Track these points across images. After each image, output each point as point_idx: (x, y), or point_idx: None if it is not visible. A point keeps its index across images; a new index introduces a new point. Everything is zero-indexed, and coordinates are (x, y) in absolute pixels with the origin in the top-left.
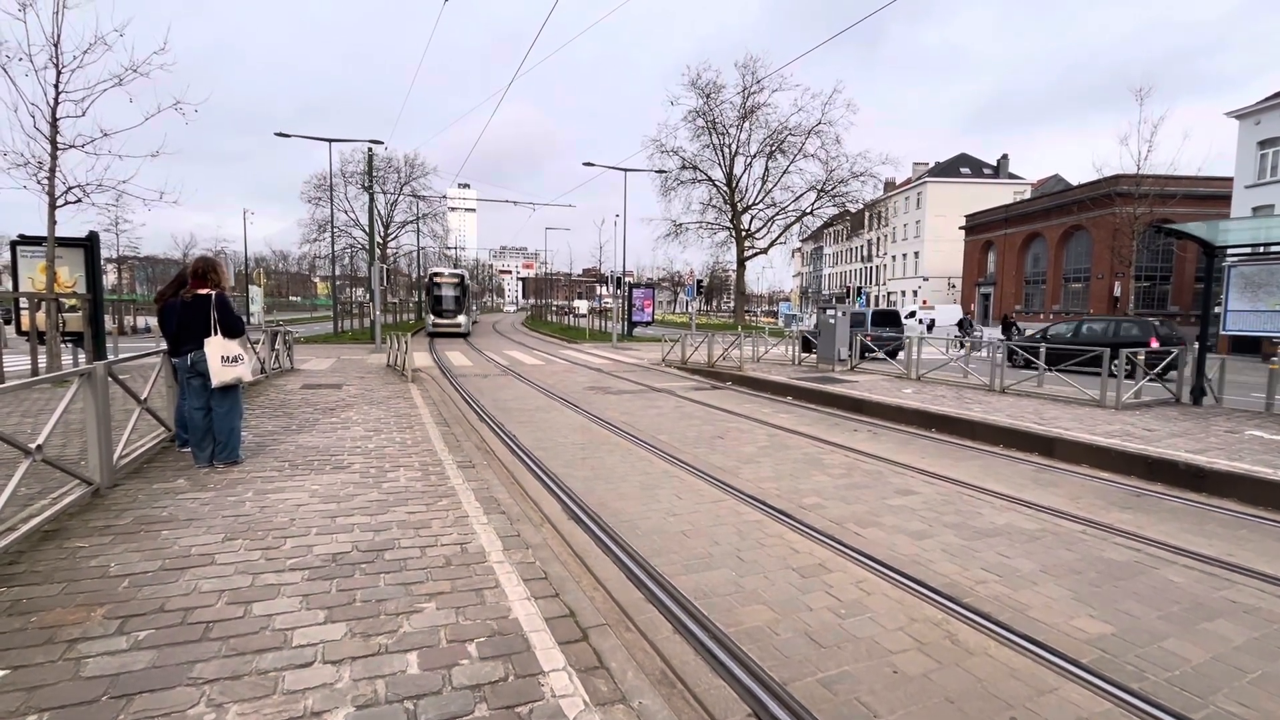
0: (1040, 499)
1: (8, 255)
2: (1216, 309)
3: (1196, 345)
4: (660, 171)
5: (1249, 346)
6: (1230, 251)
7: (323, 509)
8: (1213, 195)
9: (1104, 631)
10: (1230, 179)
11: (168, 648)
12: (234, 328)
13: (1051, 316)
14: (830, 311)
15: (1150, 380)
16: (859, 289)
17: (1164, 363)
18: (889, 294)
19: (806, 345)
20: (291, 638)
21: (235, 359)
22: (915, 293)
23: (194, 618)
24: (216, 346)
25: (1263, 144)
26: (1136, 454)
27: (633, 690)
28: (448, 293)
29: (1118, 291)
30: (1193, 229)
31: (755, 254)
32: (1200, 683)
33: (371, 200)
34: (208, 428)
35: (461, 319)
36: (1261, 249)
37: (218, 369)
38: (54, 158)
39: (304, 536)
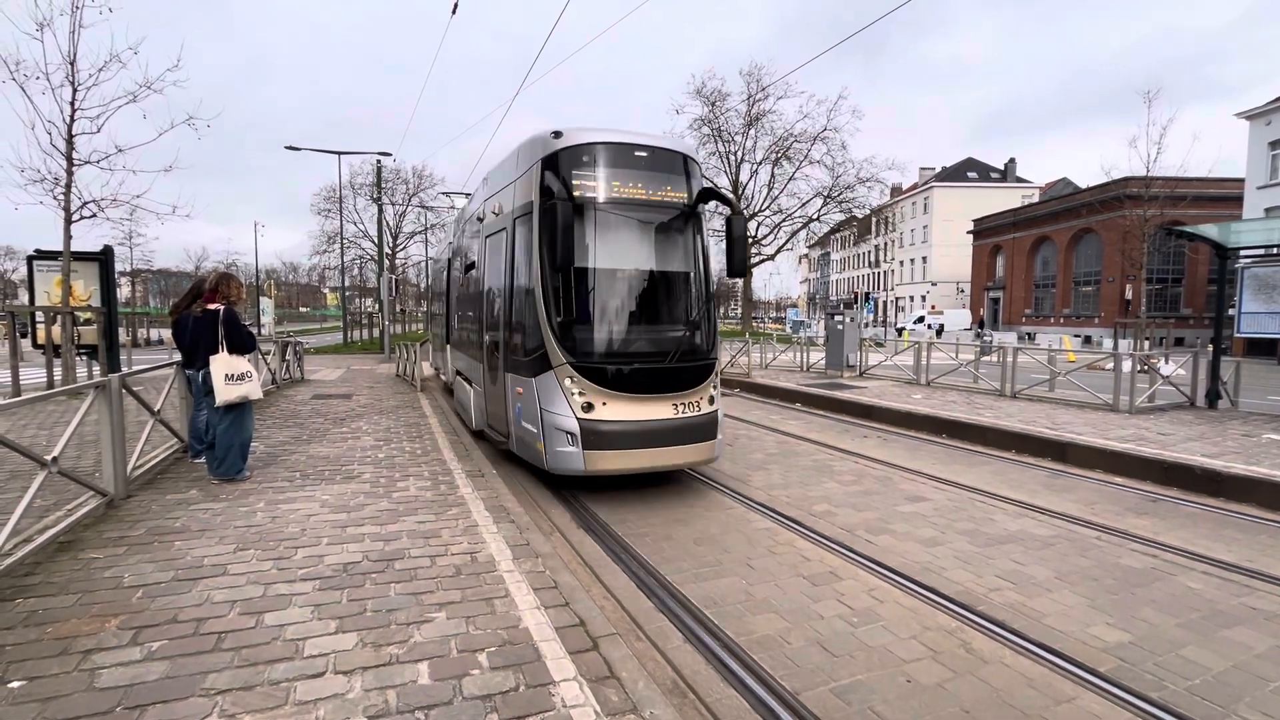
0: (1054, 505)
1: (24, 270)
2: (1230, 311)
3: (1211, 348)
4: None
5: (1264, 349)
6: (1243, 253)
7: (333, 519)
8: (1224, 197)
9: (1122, 639)
10: (1241, 180)
11: (181, 658)
12: (241, 344)
13: (1062, 320)
14: (838, 318)
15: None
16: (867, 294)
17: None
18: (897, 299)
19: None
20: (303, 648)
21: (241, 376)
22: (924, 298)
23: (206, 628)
24: (221, 364)
25: (1274, 144)
26: (1152, 458)
27: (644, 700)
28: (634, 240)
29: (1129, 294)
30: (1204, 231)
31: (762, 260)
32: (1221, 692)
33: (380, 212)
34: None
35: (709, 399)
36: (1275, 250)
37: (221, 387)
38: (70, 174)
39: (315, 546)
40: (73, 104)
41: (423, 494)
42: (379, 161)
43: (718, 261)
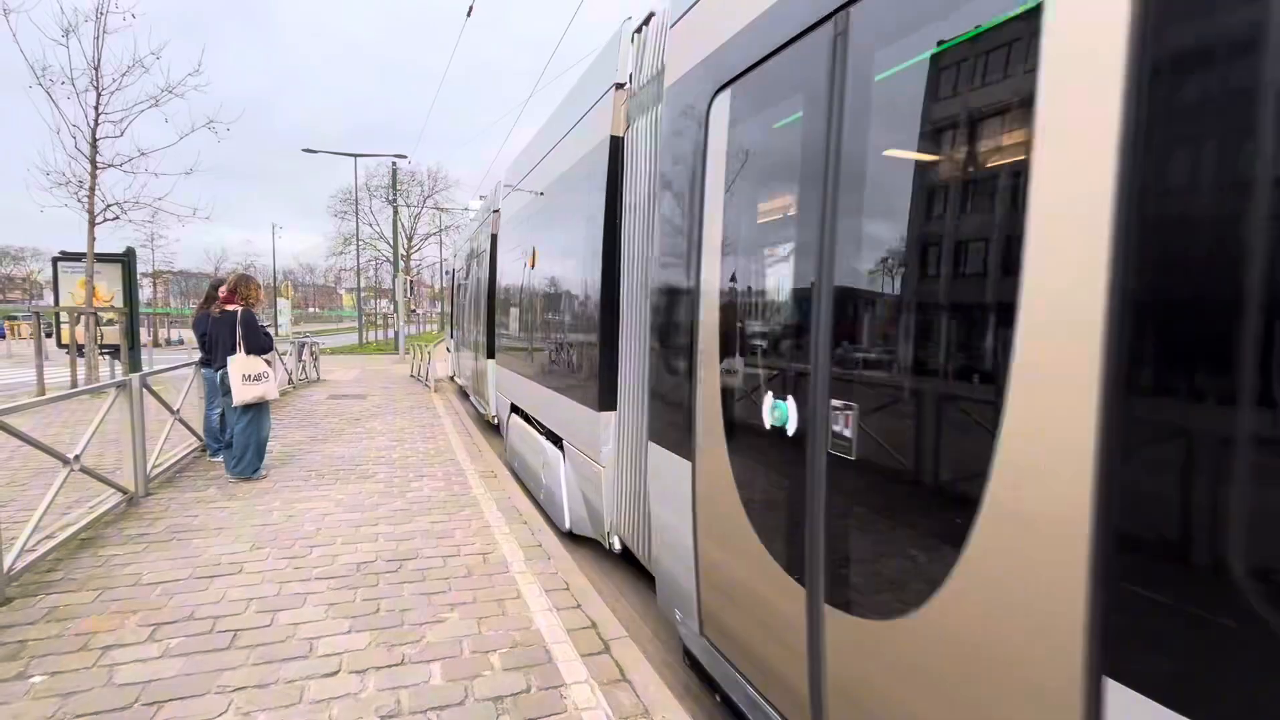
0: None
1: (50, 271)
2: None
3: None
4: None
5: None
6: None
7: (348, 518)
8: None
9: None
10: None
11: (197, 655)
12: (258, 345)
13: None
14: None
15: None
16: None
17: None
18: None
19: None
20: (316, 646)
21: (258, 377)
22: None
23: (222, 626)
24: (238, 365)
25: None
26: None
27: (656, 704)
28: None
29: None
30: None
31: None
32: None
33: (395, 213)
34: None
35: None
36: None
37: (238, 387)
38: (94, 177)
39: (329, 545)
40: (97, 108)
41: (436, 494)
42: (394, 164)
43: None
